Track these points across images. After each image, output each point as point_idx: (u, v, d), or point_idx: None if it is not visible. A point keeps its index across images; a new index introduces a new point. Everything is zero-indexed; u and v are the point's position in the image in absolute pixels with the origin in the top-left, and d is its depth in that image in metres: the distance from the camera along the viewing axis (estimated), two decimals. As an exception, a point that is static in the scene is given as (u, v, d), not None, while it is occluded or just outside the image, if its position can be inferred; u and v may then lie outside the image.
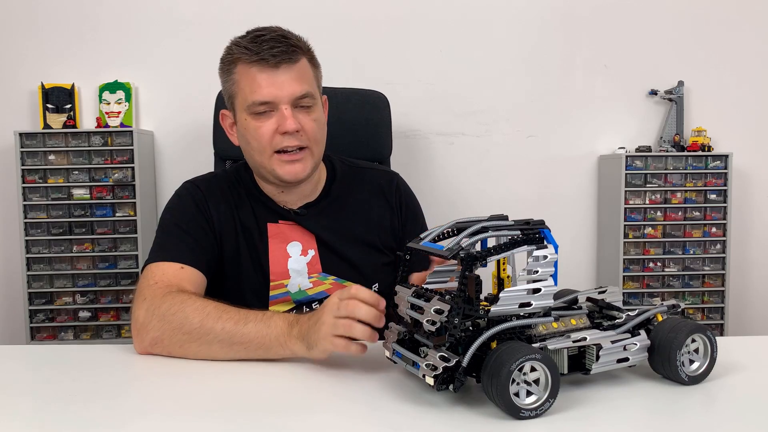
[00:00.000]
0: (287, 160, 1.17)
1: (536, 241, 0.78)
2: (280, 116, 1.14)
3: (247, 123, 1.16)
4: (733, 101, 2.51)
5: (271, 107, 1.14)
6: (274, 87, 1.13)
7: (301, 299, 1.23)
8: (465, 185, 2.49)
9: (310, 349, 0.91)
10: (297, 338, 0.93)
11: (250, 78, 1.14)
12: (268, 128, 1.15)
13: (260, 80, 1.13)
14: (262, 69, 1.13)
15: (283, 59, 1.13)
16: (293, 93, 1.14)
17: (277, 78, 1.13)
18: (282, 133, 1.14)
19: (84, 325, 2.29)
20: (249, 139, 1.18)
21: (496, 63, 2.46)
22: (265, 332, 0.95)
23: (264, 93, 1.13)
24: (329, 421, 0.75)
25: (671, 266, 2.39)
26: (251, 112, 1.15)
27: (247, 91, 1.14)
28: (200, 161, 2.05)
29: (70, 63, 2.37)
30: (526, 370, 0.71)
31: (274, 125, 1.14)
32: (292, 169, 1.17)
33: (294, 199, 1.26)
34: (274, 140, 1.15)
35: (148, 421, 0.75)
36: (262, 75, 1.13)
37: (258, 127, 1.15)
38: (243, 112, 1.17)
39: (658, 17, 2.48)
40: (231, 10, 2.37)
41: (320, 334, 0.89)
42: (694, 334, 0.82)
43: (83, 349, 1.15)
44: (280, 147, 1.16)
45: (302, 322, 0.94)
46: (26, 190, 2.22)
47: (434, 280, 0.88)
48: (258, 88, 1.13)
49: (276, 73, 1.13)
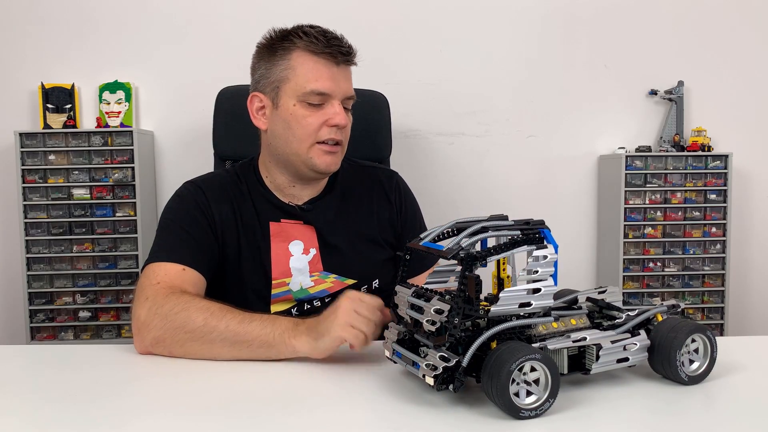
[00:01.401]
0: (327, 151, 1.20)
1: (536, 241, 0.78)
2: (332, 110, 1.18)
3: (296, 110, 1.18)
4: (733, 101, 2.51)
5: (325, 100, 1.18)
6: (334, 81, 1.17)
7: (302, 297, 1.23)
8: (465, 185, 2.49)
9: (318, 341, 0.93)
10: (303, 333, 0.95)
11: (313, 67, 1.17)
12: (317, 119, 1.18)
13: (323, 72, 1.17)
14: (328, 62, 1.17)
15: (346, 59, 1.19)
16: (347, 92, 1.20)
17: (338, 74, 1.18)
18: (331, 126, 1.18)
19: (84, 325, 2.29)
20: (293, 125, 1.19)
21: (496, 63, 2.46)
22: (269, 330, 0.95)
23: (325, 84, 1.16)
24: (329, 420, 0.75)
25: (671, 266, 2.39)
26: (304, 100, 1.17)
27: (305, 79, 1.16)
28: (200, 161, 2.05)
29: (70, 63, 2.37)
30: (526, 370, 0.71)
31: (324, 117, 1.18)
32: (329, 159, 1.21)
33: (302, 195, 1.27)
34: (320, 131, 1.18)
35: (148, 420, 0.75)
36: (325, 68, 1.17)
37: (307, 116, 1.18)
38: (292, 98, 1.18)
39: (658, 17, 2.48)
40: (231, 11, 2.37)
41: (337, 322, 0.92)
42: (694, 334, 0.82)
43: (83, 349, 1.15)
44: (324, 138, 1.19)
45: (309, 320, 0.97)
46: (26, 190, 2.22)
47: (434, 280, 0.88)
48: (320, 78, 1.16)
49: (338, 69, 1.18)
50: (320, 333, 0.93)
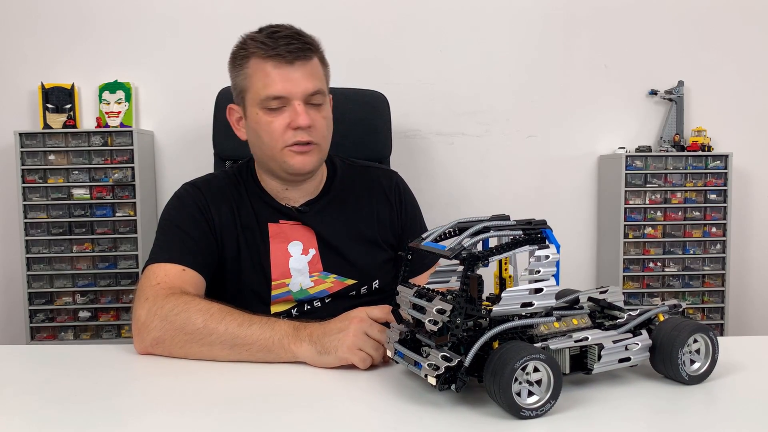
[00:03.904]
0: (299, 152, 1.17)
1: (538, 241, 0.78)
2: (293, 111, 1.15)
3: (259, 117, 1.17)
4: (733, 101, 2.51)
5: (284, 102, 1.15)
6: (288, 83, 1.14)
7: (302, 298, 1.23)
8: (465, 185, 2.49)
9: (322, 355, 0.92)
10: (305, 341, 0.93)
11: (265, 73, 1.14)
12: (280, 123, 1.16)
13: (275, 75, 1.14)
14: (278, 64, 1.14)
15: (299, 56, 1.14)
16: (306, 89, 1.15)
17: (292, 74, 1.14)
18: (294, 128, 1.15)
19: (84, 325, 2.29)
20: (260, 133, 1.18)
21: (496, 63, 2.46)
22: (269, 334, 0.95)
23: (278, 88, 1.14)
24: (331, 420, 0.75)
25: (671, 266, 2.39)
26: (263, 107, 1.16)
27: (261, 85, 1.15)
28: (200, 161, 2.05)
29: (70, 63, 2.37)
30: (529, 370, 0.71)
31: (286, 120, 1.15)
32: (302, 159, 1.18)
33: (297, 197, 1.27)
34: (285, 135, 1.16)
35: (148, 420, 0.75)
36: (276, 70, 1.14)
37: (270, 122, 1.16)
38: (255, 107, 1.17)
39: (658, 17, 2.48)
40: (231, 11, 2.37)
41: (345, 343, 0.90)
42: (695, 334, 0.82)
43: (83, 349, 1.15)
44: (290, 142, 1.16)
45: (312, 327, 0.95)
46: (26, 190, 2.22)
47: (436, 280, 0.88)
48: (272, 83, 1.14)
49: (291, 69, 1.14)
50: (326, 348, 0.92)
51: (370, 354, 0.90)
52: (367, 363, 0.90)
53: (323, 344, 0.92)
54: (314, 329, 0.95)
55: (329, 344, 0.92)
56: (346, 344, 0.90)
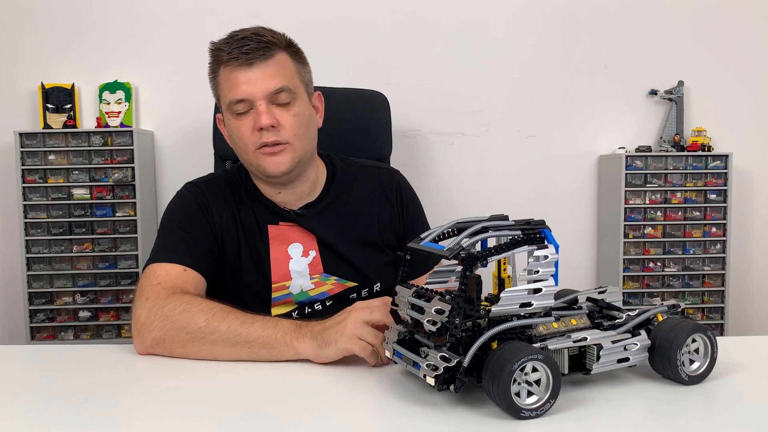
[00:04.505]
0: (269, 153, 1.16)
1: (537, 241, 0.78)
2: (255, 113, 1.14)
3: (230, 122, 1.18)
4: (733, 101, 2.51)
5: (249, 105, 1.15)
6: (247, 84, 1.13)
7: (302, 300, 1.23)
8: (465, 185, 2.49)
9: (323, 348, 0.92)
10: (307, 336, 0.94)
11: (227, 78, 1.15)
12: (247, 126, 1.15)
13: (234, 79, 1.14)
14: (237, 67, 1.14)
15: (256, 56, 1.13)
16: (267, 89, 1.13)
17: (251, 75, 1.13)
18: (258, 129, 1.14)
19: (84, 325, 2.29)
20: (234, 137, 1.19)
21: (496, 63, 2.46)
22: (271, 331, 0.95)
23: (239, 91, 1.13)
24: (330, 420, 0.75)
25: (671, 266, 2.39)
26: (232, 112, 1.16)
27: (226, 90, 1.15)
28: (200, 161, 2.05)
29: (70, 63, 2.37)
30: (527, 371, 0.71)
31: (252, 122, 1.15)
32: (274, 160, 1.16)
33: (292, 200, 1.26)
34: (253, 138, 1.15)
35: (148, 420, 0.75)
36: (236, 73, 1.14)
37: (239, 126, 1.16)
38: (226, 113, 1.18)
39: (658, 17, 2.48)
40: (231, 11, 2.37)
41: (345, 333, 0.91)
42: (694, 334, 0.82)
43: (83, 349, 1.15)
44: (258, 144, 1.15)
45: (313, 323, 0.96)
46: (26, 190, 2.22)
47: (434, 280, 0.88)
48: (234, 86, 1.14)
49: (250, 70, 1.13)
50: (326, 341, 0.92)
51: (370, 342, 0.90)
52: (367, 351, 0.90)
53: (323, 338, 0.93)
54: (315, 326, 0.96)
55: (329, 337, 0.92)
56: (346, 334, 0.91)
